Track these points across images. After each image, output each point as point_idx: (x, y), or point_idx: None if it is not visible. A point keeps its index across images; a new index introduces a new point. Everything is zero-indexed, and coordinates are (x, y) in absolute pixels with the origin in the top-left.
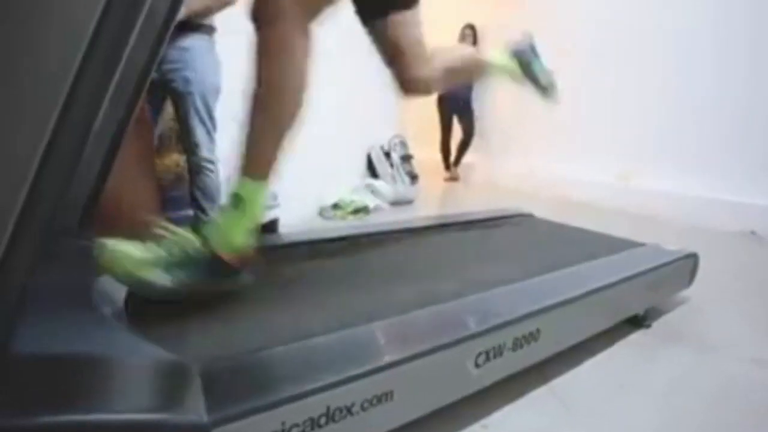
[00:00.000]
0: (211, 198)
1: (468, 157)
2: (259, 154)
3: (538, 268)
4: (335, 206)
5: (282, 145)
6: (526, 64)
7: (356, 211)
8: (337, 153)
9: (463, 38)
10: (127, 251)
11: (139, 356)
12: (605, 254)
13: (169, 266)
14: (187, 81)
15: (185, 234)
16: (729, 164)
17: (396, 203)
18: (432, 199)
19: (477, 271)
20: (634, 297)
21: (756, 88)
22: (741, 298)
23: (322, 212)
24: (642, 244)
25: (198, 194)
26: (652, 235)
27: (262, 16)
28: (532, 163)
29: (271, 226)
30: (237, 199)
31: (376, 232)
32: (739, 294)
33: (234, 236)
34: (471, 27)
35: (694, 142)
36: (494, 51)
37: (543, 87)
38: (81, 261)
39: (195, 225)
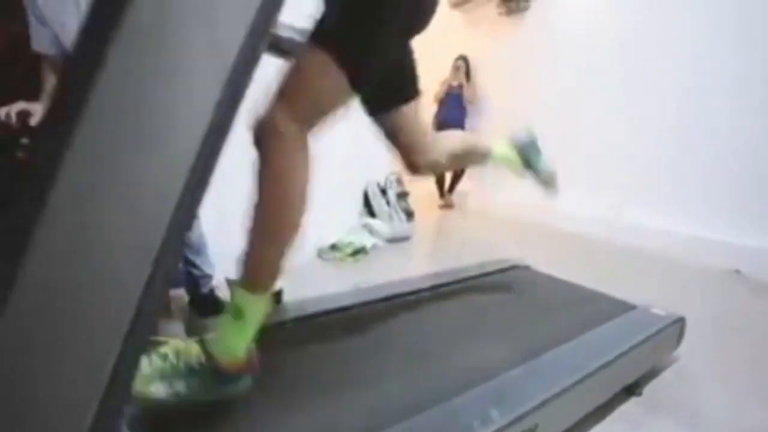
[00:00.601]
0: (197, 251)
1: (462, 185)
2: (261, 270)
3: (534, 346)
4: (333, 247)
5: (283, 259)
6: (527, 159)
7: (355, 252)
8: (335, 192)
9: (456, 70)
10: None
11: None
12: (600, 322)
13: (168, 378)
14: None
15: (186, 344)
16: (717, 203)
17: (393, 240)
18: (428, 235)
19: (472, 353)
20: (628, 369)
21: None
22: (727, 351)
23: (320, 254)
24: (633, 307)
25: (185, 249)
26: (638, 274)
27: (261, 136)
28: (524, 192)
29: (275, 298)
30: (237, 310)
31: (372, 300)
32: (726, 345)
33: (235, 346)
34: (463, 58)
35: (684, 180)
36: (498, 141)
37: (543, 180)
38: None
39: (189, 285)
